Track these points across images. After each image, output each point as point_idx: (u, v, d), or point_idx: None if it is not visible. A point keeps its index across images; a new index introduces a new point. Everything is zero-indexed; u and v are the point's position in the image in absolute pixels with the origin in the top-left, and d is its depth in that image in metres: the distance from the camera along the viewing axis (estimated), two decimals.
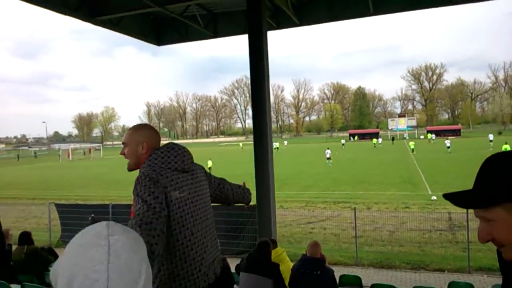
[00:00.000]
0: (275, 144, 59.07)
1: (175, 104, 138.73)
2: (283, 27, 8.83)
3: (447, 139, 44.23)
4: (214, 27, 8.81)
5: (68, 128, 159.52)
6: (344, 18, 8.66)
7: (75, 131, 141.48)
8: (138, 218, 1.75)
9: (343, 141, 63.23)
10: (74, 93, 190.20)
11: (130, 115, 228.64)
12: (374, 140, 58.35)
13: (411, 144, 42.79)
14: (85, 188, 24.65)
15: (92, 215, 9.81)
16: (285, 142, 72.13)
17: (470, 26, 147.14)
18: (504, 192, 0.86)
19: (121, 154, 2.14)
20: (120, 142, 2.52)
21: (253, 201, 8.19)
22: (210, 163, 28.51)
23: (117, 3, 6.66)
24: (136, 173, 2.08)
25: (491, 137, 43.65)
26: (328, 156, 32.09)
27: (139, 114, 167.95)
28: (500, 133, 67.41)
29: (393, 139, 67.86)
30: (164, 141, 2.16)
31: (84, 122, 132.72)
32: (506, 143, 26.46)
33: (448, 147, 38.88)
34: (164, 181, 1.91)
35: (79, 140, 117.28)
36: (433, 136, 62.63)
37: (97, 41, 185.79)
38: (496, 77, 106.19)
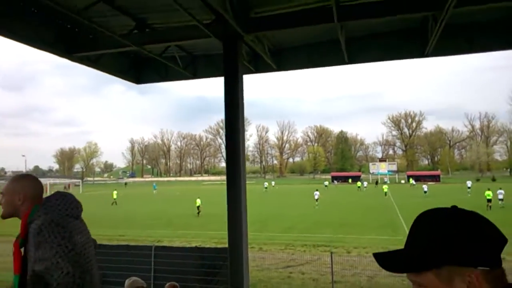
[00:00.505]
0: (265, 184, 60.15)
1: (159, 141, 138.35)
2: (261, 72, 9.02)
3: (425, 184, 45.49)
4: (193, 68, 8.95)
5: (49, 162, 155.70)
6: (320, 65, 8.92)
7: (56, 166, 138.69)
8: (65, 261, 1.77)
9: (326, 183, 63.67)
10: (58, 128, 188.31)
11: (114, 151, 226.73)
12: (359, 183, 59.16)
13: (385, 187, 44.28)
14: None
15: None
16: (273, 183, 72.52)
17: (448, 77, 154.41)
18: (433, 257, 0.81)
19: None
20: (101, 178, 2.51)
21: (226, 244, 7.94)
22: (198, 202, 28.17)
23: (94, 41, 6.73)
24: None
25: (469, 183, 44.52)
26: (316, 197, 32.18)
27: (122, 150, 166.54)
28: (478, 180, 68.89)
29: (376, 182, 68.88)
30: (147, 179, 2.15)
31: (66, 157, 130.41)
32: (489, 189, 26.81)
33: (425, 192, 40.02)
34: (68, 226, 1.97)
35: (60, 175, 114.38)
36: (413, 181, 63.85)
37: (84, 77, 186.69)
38: (473, 126, 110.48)
